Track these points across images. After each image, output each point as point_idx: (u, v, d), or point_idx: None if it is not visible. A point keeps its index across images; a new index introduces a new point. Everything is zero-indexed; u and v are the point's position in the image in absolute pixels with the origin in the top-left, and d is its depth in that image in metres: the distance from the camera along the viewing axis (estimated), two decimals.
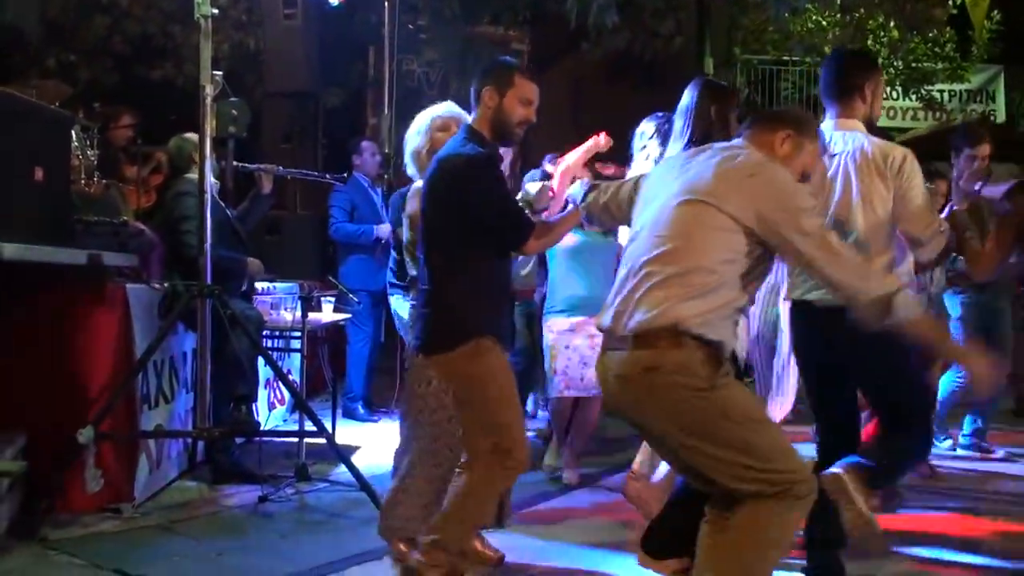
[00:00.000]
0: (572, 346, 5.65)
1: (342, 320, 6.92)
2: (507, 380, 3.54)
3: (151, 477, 5.15)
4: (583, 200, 3.75)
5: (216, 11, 4.90)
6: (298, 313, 5.88)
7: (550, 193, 3.90)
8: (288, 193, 10.43)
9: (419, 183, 3.97)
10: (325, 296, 6.64)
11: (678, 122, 4.09)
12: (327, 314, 6.61)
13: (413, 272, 4.10)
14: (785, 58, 14.45)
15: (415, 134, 4.10)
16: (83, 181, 6.44)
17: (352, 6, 10.08)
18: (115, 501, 4.80)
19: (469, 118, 3.71)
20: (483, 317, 3.50)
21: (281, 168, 6.22)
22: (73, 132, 5.32)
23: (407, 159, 4.14)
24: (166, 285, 5.35)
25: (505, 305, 3.71)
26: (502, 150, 3.80)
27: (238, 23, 11.23)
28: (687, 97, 4.09)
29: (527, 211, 3.74)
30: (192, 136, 5.55)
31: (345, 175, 6.81)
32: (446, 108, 4.13)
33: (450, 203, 3.48)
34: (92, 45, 10.93)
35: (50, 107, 5.13)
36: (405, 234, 4.19)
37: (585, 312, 5.54)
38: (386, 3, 8.77)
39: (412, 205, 4.03)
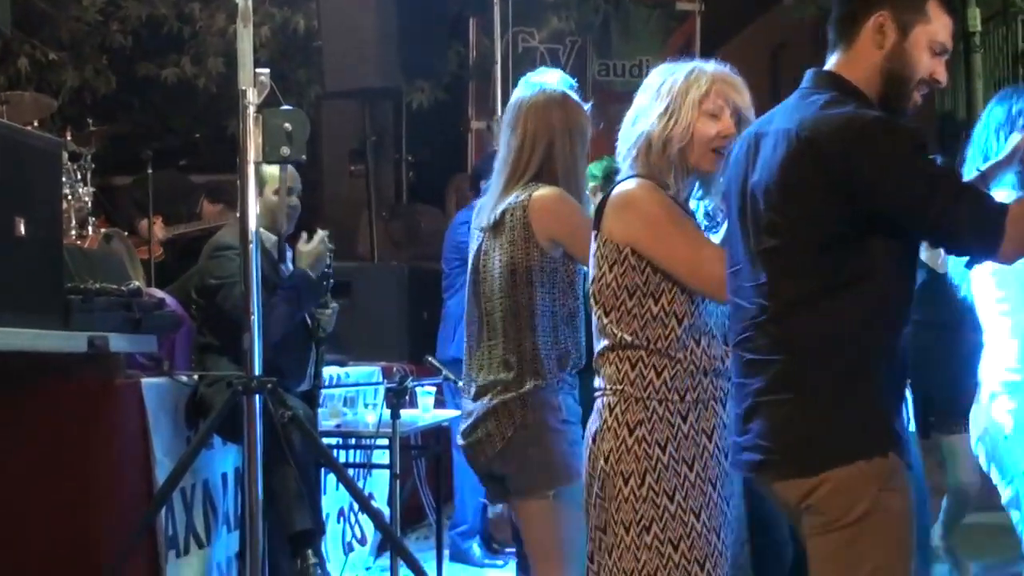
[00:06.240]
0: None
1: (449, 420, 6.94)
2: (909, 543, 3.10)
3: None
4: None
5: None
6: (384, 411, 5.93)
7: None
8: (361, 234, 10.57)
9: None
10: (423, 385, 6.65)
11: None
12: (427, 412, 6.65)
13: (604, 342, 3.64)
14: None
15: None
16: (74, 232, 6.71)
17: None
18: None
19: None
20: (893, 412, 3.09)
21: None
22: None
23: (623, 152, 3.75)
24: (197, 378, 5.48)
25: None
26: None
27: None
28: None
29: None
30: (271, 170, 5.41)
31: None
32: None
33: (822, 196, 2.99)
34: (79, 36, 11.28)
35: (30, 131, 5.34)
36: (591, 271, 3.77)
37: None
38: None
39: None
